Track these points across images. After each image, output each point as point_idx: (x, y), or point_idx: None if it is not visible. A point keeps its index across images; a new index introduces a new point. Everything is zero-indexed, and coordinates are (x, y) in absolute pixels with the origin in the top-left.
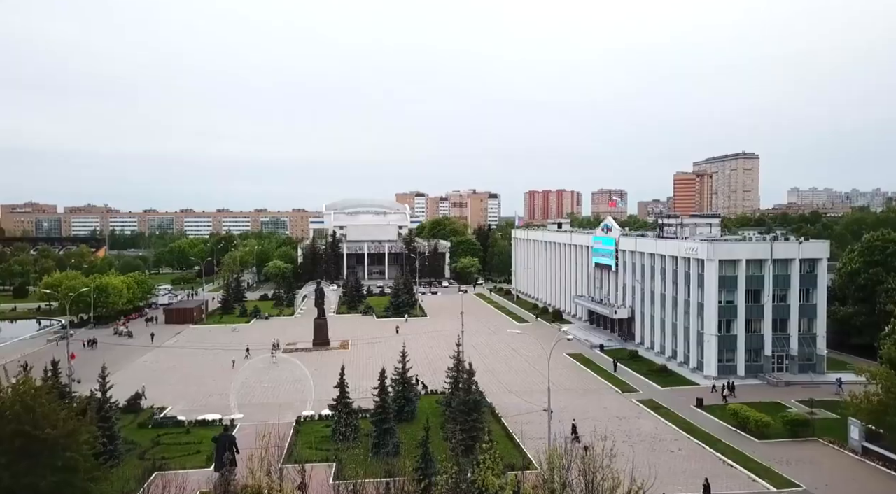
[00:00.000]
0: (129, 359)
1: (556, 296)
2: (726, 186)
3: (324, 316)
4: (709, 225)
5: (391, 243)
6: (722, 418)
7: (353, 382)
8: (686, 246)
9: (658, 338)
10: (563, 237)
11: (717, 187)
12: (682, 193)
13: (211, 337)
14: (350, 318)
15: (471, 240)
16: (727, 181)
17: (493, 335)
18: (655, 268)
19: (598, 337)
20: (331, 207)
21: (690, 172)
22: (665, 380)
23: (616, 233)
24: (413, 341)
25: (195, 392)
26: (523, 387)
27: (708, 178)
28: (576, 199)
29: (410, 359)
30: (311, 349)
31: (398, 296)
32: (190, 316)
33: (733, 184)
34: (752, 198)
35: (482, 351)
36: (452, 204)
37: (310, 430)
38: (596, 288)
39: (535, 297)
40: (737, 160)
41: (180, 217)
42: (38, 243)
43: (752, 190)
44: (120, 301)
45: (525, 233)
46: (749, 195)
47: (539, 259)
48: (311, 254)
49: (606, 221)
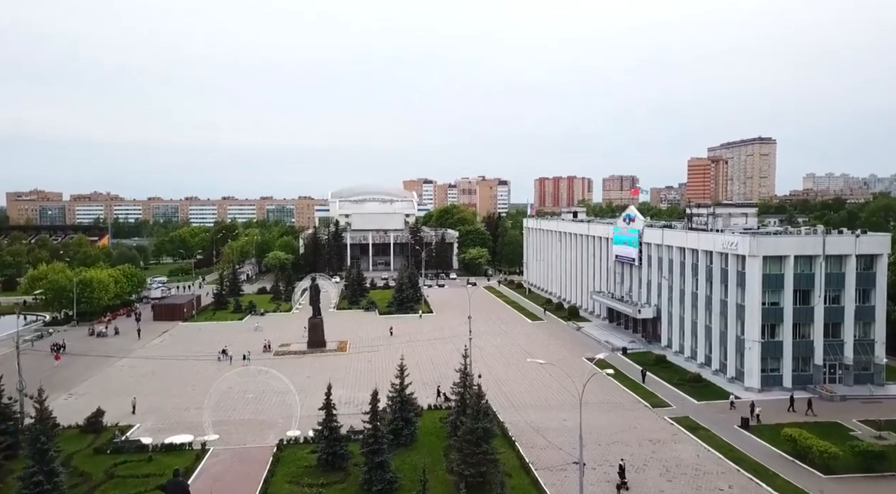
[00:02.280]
0: (106, 363)
1: (571, 291)
2: (742, 172)
3: (319, 315)
4: (744, 215)
5: (397, 232)
6: (774, 443)
7: (349, 393)
8: (723, 239)
9: (689, 342)
10: (579, 227)
11: (732, 173)
12: (696, 179)
13: (201, 336)
14: (350, 315)
15: (480, 229)
16: (743, 167)
17: (504, 335)
18: (686, 264)
19: (619, 338)
20: (336, 195)
21: (705, 158)
22: (700, 392)
23: (640, 225)
24: (416, 342)
25: (170, 404)
26: (539, 400)
27: (723, 164)
28: (586, 186)
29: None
30: (305, 351)
31: (402, 291)
32: (179, 313)
33: (749, 169)
34: (768, 184)
35: (492, 355)
36: (461, 191)
37: (292, 458)
38: (616, 283)
39: (549, 291)
40: (753, 145)
41: (185, 205)
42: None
43: (768, 176)
44: (106, 296)
45: (538, 223)
46: (765, 181)
47: (553, 250)
48: (313, 245)
49: (629, 211)
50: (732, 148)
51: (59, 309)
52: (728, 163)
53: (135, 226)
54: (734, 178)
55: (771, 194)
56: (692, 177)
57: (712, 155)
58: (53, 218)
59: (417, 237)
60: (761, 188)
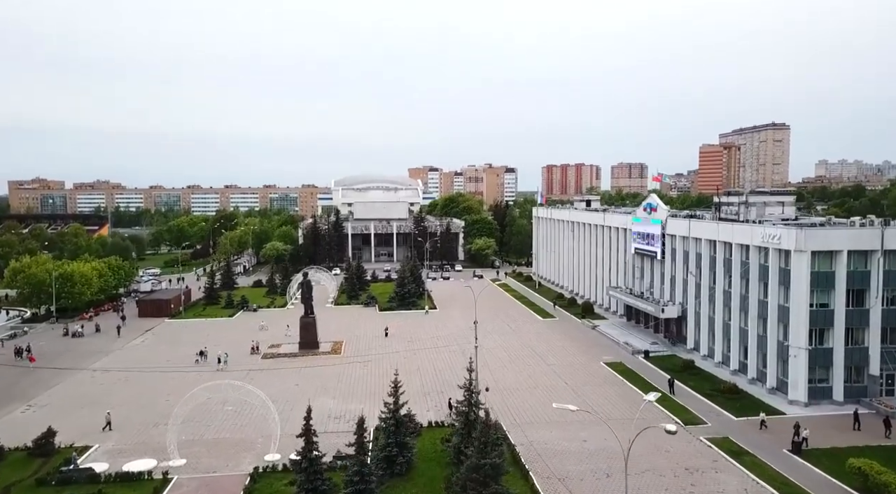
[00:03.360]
0: (77, 368)
1: (585, 285)
2: (754, 159)
3: (312, 314)
4: (780, 203)
5: (400, 222)
6: (836, 474)
7: (340, 405)
8: (763, 232)
9: (719, 346)
10: (593, 217)
11: (744, 160)
12: (708, 167)
13: (186, 334)
14: (349, 311)
15: (487, 218)
16: (755, 153)
17: (513, 334)
18: (717, 259)
19: (639, 339)
20: (339, 183)
21: (717, 145)
22: (737, 406)
23: (663, 214)
24: (417, 343)
25: (138, 419)
26: (555, 414)
27: (736, 151)
28: (594, 174)
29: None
30: (296, 353)
31: (403, 285)
32: (166, 308)
33: (762, 156)
34: (781, 171)
35: (499, 358)
36: (468, 179)
37: (268, 490)
38: (636, 278)
39: (561, 285)
40: (766, 131)
41: (187, 193)
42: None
43: (781, 162)
44: (88, 291)
45: (548, 212)
46: (779, 168)
47: (565, 241)
48: (313, 235)
49: (650, 199)
50: (745, 134)
51: (37, 304)
52: (741, 150)
53: (135, 214)
54: (746, 165)
55: (784, 181)
56: (704, 164)
57: (724, 141)
58: (55, 207)
59: (421, 227)
60: (774, 175)
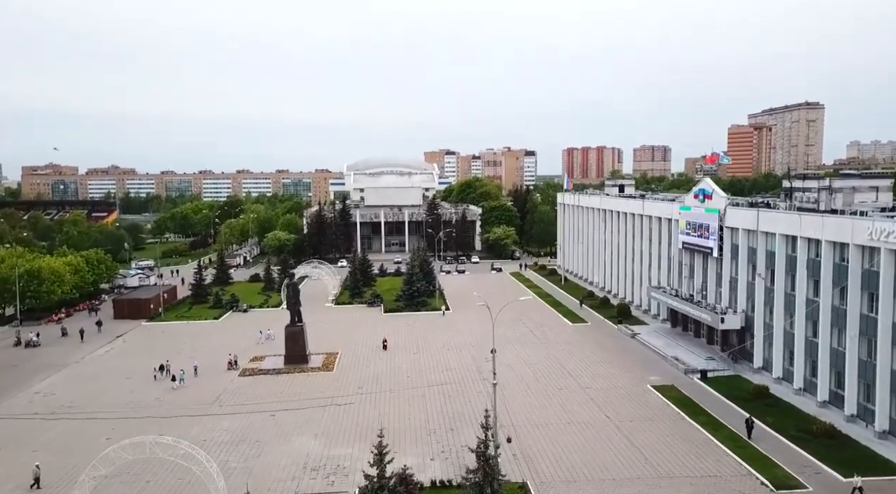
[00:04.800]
0: (18, 388)
1: (619, 283)
2: (786, 140)
3: (299, 322)
4: (873, 189)
5: (412, 209)
6: None
7: (324, 447)
8: (872, 226)
9: (800, 368)
10: (630, 205)
11: (775, 141)
12: (737, 148)
13: (161, 341)
14: (350, 312)
15: (506, 205)
16: (787, 134)
17: (538, 345)
18: (798, 259)
19: (690, 352)
20: (352, 167)
21: (746, 125)
22: (840, 458)
23: (720, 202)
24: (424, 357)
25: (60, 463)
26: (597, 465)
27: (767, 131)
28: (616, 157)
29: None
30: (280, 370)
31: (412, 283)
32: (145, 309)
33: (794, 137)
34: (814, 152)
35: (522, 377)
36: (486, 163)
37: None
38: (684, 278)
39: (591, 281)
40: (798, 110)
41: (198, 179)
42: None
43: (815, 143)
44: (59, 289)
45: (575, 199)
46: (812, 149)
47: (595, 232)
48: (318, 224)
49: (703, 185)
50: (776, 114)
51: (1, 304)
52: (772, 131)
53: (145, 201)
54: (777, 147)
55: (818, 163)
56: (733, 145)
57: (754, 122)
58: (66, 193)
59: (434, 214)
60: (807, 156)
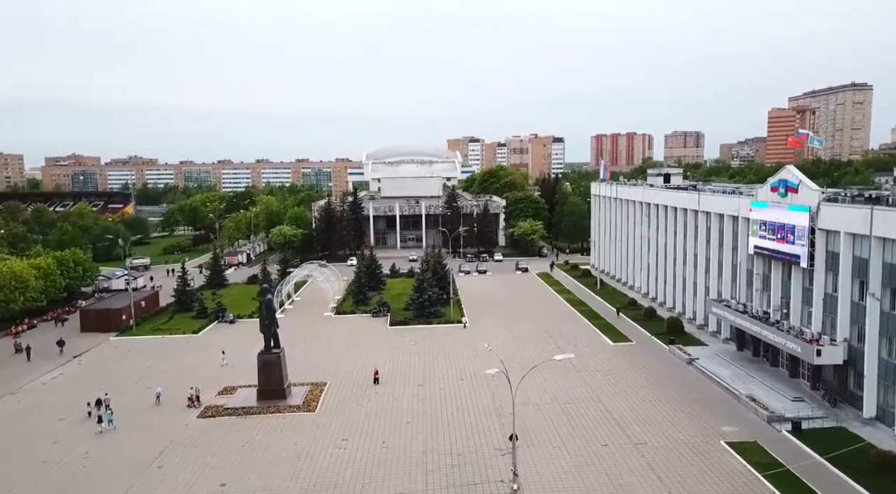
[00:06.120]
0: None
1: (668, 291)
2: (830, 124)
3: (276, 349)
4: None
5: (431, 201)
6: None
7: None
8: None
9: None
10: (680, 198)
11: (818, 125)
12: (778, 133)
13: (126, 362)
14: (352, 324)
15: (533, 195)
16: (832, 117)
17: (571, 374)
18: None
19: (768, 388)
20: (371, 156)
21: (788, 109)
22: None
23: (811, 197)
24: (429, 393)
25: None
26: None
27: (810, 115)
28: (647, 143)
29: (419, 451)
30: (251, 408)
31: (423, 290)
32: (116, 320)
33: (839, 120)
34: (861, 136)
35: (552, 422)
36: (511, 150)
37: None
38: (755, 290)
39: (630, 284)
40: (844, 92)
41: (217, 169)
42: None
43: (862, 127)
44: (21, 297)
45: (612, 190)
46: (858, 134)
47: (636, 229)
48: (326, 218)
49: (785, 175)
50: (818, 96)
51: None
52: (815, 114)
53: (162, 191)
54: (820, 131)
55: (865, 148)
56: (773, 130)
57: (796, 105)
58: (85, 184)
59: (453, 207)
60: (853, 141)
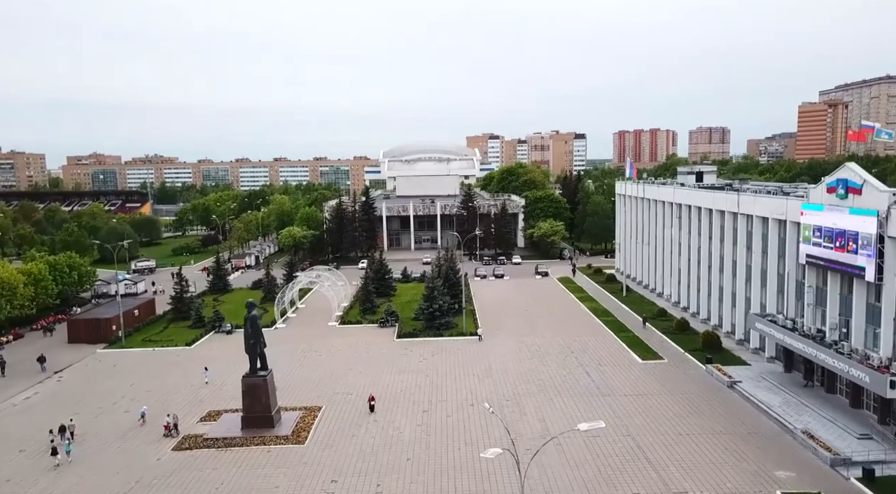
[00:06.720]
0: None
1: (701, 301)
2: (864, 118)
3: (263, 371)
4: None
5: (446, 200)
6: None
7: None
8: None
9: None
10: (717, 199)
11: (850, 119)
12: (809, 128)
13: (109, 380)
14: (356, 336)
15: (553, 194)
16: (865, 112)
17: (596, 395)
18: None
19: (826, 419)
20: (387, 154)
21: (819, 103)
22: None
23: (879, 199)
24: (435, 422)
25: None
26: None
27: (843, 109)
28: (671, 139)
29: None
30: (234, 440)
31: (433, 299)
32: (106, 330)
33: (873, 115)
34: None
35: (579, 471)
36: (532, 147)
37: None
38: (807, 305)
39: (660, 292)
40: (878, 85)
41: (235, 167)
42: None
43: None
44: (8, 305)
45: (638, 189)
46: (893, 127)
47: (666, 231)
48: (338, 218)
49: (845, 174)
50: (851, 90)
51: None
52: (848, 108)
53: (179, 190)
54: (853, 125)
55: None
56: (804, 125)
57: (827, 99)
58: (105, 183)
59: (470, 207)
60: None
